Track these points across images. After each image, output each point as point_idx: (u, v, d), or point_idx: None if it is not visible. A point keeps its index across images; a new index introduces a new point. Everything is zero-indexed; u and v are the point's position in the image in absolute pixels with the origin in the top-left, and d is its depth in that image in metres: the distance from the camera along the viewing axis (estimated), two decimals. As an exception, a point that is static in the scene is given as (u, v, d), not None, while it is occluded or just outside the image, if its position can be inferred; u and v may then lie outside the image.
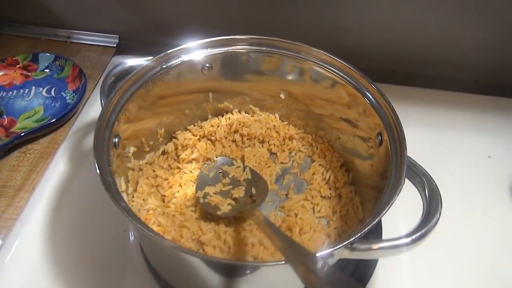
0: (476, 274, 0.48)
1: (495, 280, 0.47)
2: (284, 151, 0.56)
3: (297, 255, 0.29)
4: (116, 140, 0.41)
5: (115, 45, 0.74)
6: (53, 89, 0.63)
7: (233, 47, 0.49)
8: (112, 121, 0.40)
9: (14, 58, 0.65)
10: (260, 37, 0.49)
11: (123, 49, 0.74)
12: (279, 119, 0.57)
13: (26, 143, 0.57)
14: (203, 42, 0.48)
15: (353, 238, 0.32)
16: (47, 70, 0.65)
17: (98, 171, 0.35)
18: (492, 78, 0.70)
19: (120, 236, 0.49)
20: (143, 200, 0.45)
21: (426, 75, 0.69)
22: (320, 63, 0.47)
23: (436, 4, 0.61)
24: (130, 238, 0.48)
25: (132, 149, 0.45)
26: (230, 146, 0.55)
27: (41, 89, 0.63)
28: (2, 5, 0.72)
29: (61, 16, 0.74)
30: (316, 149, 0.55)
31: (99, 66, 0.69)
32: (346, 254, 0.33)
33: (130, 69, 0.45)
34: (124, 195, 0.41)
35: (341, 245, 0.31)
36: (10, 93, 0.62)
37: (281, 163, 0.55)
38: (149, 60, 0.45)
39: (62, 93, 0.63)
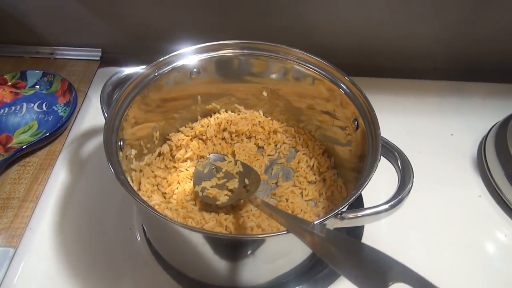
0: (445, 235, 0.54)
1: (462, 239, 0.54)
2: (270, 144, 0.61)
3: (298, 225, 0.34)
4: (121, 143, 0.45)
5: (98, 58, 0.77)
6: (44, 104, 0.66)
7: (218, 52, 0.53)
8: (117, 126, 0.44)
9: (3, 77, 0.67)
10: (242, 41, 0.53)
11: (106, 61, 0.77)
12: (263, 115, 0.61)
13: (24, 157, 0.59)
14: (191, 48, 0.52)
15: (341, 207, 0.37)
16: (37, 86, 0.68)
17: (112, 170, 0.38)
18: (449, 65, 0.78)
19: (126, 235, 0.52)
20: (148, 197, 0.49)
21: (391, 66, 0.76)
22: (299, 61, 0.52)
23: (395, 1, 0.67)
24: (137, 235, 0.52)
25: (133, 152, 0.49)
26: (220, 144, 0.59)
27: (32, 104, 0.66)
28: (-17, 27, 0.74)
29: (43, 34, 0.76)
30: (299, 139, 0.61)
31: (85, 79, 0.72)
32: (338, 223, 0.38)
33: (126, 78, 0.49)
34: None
35: (332, 214, 0.37)
36: (2, 110, 0.64)
37: (269, 155, 0.60)
38: (143, 68, 0.49)
39: (54, 107, 0.66)
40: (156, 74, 0.51)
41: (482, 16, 0.69)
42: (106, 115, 0.46)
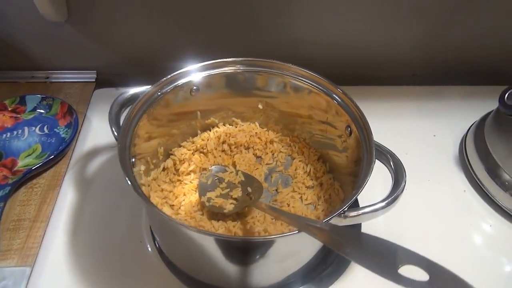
0: (435, 229, 0.58)
1: (450, 231, 0.58)
2: (267, 153, 0.64)
3: (306, 223, 0.37)
4: (133, 160, 0.47)
5: (94, 80, 0.79)
6: (45, 126, 0.68)
7: (216, 70, 0.57)
8: (128, 144, 0.47)
9: (2, 103, 0.69)
10: (239, 58, 0.57)
11: (102, 83, 0.79)
12: (259, 126, 0.65)
13: (31, 179, 0.61)
14: (191, 67, 0.55)
15: (344, 207, 0.41)
16: (37, 110, 0.70)
17: (130, 184, 0.41)
18: (426, 71, 0.83)
19: (137, 247, 0.54)
20: (158, 210, 0.52)
21: (373, 74, 0.81)
22: (294, 75, 0.56)
23: (374, 12, 0.72)
24: (148, 247, 0.54)
25: (142, 168, 0.52)
26: (220, 156, 0.62)
27: (33, 128, 0.68)
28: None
29: (38, 59, 0.78)
30: (295, 148, 0.64)
31: (83, 101, 0.74)
32: (342, 222, 0.42)
33: (132, 97, 0.52)
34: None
35: (336, 213, 0.40)
36: (4, 135, 0.66)
37: (267, 164, 0.63)
38: (148, 87, 0.52)
39: (55, 129, 0.68)
40: (159, 93, 0.54)
41: (454, 25, 0.75)
42: (115, 134, 0.49)
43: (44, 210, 0.57)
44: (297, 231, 0.38)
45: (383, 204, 0.43)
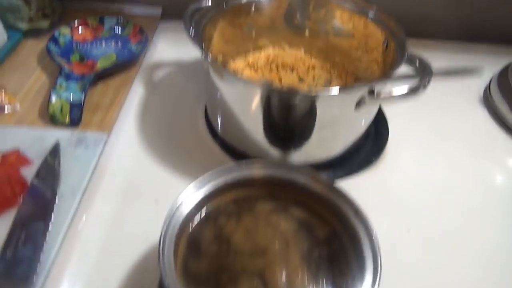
0: (461, 157, 0.65)
1: (471, 158, 0.65)
2: (309, 76, 0.73)
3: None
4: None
5: (159, 14, 0.90)
6: (119, 42, 0.79)
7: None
8: (200, 41, 0.57)
9: (85, 20, 0.81)
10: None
11: (166, 16, 0.90)
12: (304, 52, 0.74)
13: (105, 78, 0.72)
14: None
15: (374, 83, 0.49)
16: (112, 30, 0.81)
17: (204, 55, 0.51)
18: (462, 30, 0.90)
19: (193, 129, 0.65)
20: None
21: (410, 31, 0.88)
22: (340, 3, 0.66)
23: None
24: (202, 129, 0.65)
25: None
26: (269, 73, 0.72)
27: (109, 42, 0.79)
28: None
29: (112, -7, 0.90)
30: (334, 73, 0.73)
31: (150, 30, 0.84)
32: (373, 101, 0.50)
33: (204, 7, 0.62)
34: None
35: (365, 84, 0.49)
36: (86, 45, 0.78)
37: (308, 84, 0.72)
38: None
39: (127, 45, 0.79)
40: (224, 8, 0.64)
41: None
42: (187, 30, 0.59)
43: (118, 100, 0.68)
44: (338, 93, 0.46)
45: (406, 91, 0.51)
